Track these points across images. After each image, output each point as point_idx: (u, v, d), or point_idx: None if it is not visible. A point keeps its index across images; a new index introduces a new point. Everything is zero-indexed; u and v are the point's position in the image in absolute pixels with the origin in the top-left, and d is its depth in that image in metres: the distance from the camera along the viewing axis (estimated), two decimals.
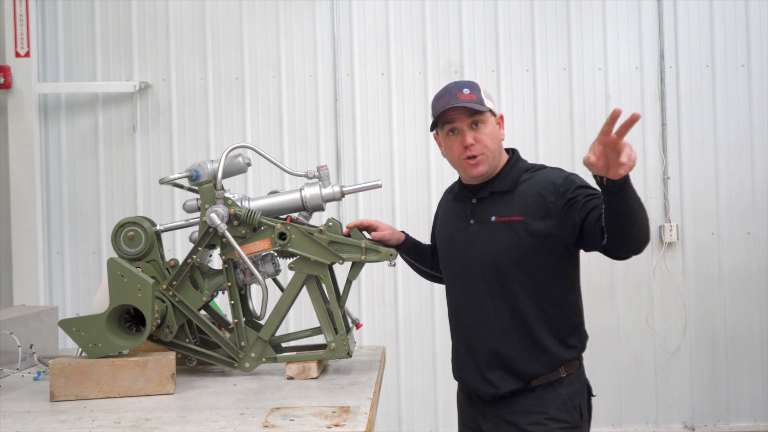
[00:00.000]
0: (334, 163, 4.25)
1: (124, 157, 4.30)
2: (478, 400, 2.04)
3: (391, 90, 4.30)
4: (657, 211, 4.25)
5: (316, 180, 2.11)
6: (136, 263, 2.06)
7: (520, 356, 1.93)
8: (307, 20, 4.32)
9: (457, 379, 2.14)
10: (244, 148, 2.18)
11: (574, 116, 4.27)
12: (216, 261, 2.20)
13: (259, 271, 2.09)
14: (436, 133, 2.08)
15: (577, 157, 4.21)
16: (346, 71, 4.30)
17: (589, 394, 2.04)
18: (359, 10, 4.31)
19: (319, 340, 2.14)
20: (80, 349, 1.92)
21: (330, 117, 4.29)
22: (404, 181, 4.28)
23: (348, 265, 2.10)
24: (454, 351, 2.12)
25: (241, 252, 2.00)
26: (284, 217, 2.12)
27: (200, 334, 2.18)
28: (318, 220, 2.35)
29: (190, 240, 2.09)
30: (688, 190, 4.27)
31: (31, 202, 4.17)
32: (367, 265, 2.33)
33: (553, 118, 4.27)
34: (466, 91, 1.95)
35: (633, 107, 4.22)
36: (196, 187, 2.09)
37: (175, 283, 2.06)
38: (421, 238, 2.35)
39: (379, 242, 2.12)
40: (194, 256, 2.05)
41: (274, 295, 2.14)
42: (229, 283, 2.07)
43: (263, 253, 2.08)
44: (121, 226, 2.07)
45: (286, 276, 2.40)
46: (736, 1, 4.29)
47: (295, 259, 2.08)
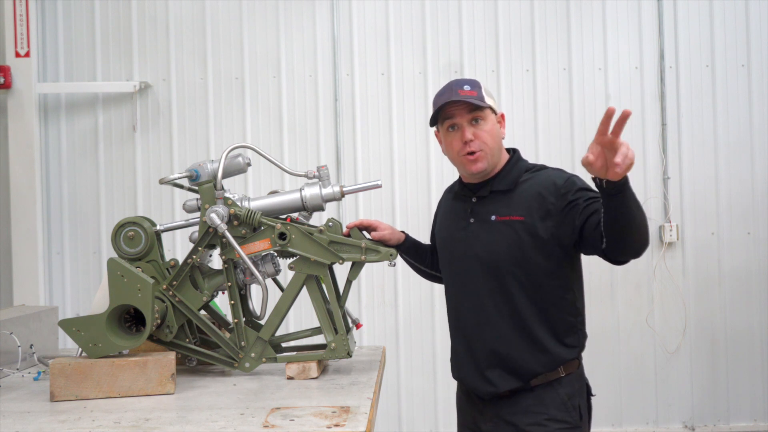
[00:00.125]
0: (334, 163, 4.25)
1: (124, 157, 4.30)
2: (477, 400, 2.04)
3: (391, 90, 4.30)
4: (657, 211, 4.25)
5: (316, 180, 2.11)
6: (136, 263, 2.06)
7: (519, 355, 1.93)
8: (307, 20, 4.32)
9: (456, 378, 2.14)
10: (244, 148, 2.18)
11: (574, 116, 4.27)
12: (216, 261, 2.20)
13: (259, 271, 2.09)
14: (437, 131, 2.09)
15: (577, 158, 4.20)
16: (346, 71, 4.30)
17: (589, 394, 2.04)
18: (359, 10, 4.31)
19: (319, 340, 2.14)
20: (80, 349, 1.92)
21: (330, 117, 4.29)
22: (404, 181, 4.28)
23: (348, 265, 2.10)
24: (453, 350, 2.12)
25: (241, 252, 2.00)
26: (284, 217, 2.12)
27: (200, 334, 2.18)
28: (318, 220, 2.35)
29: (190, 240, 2.09)
30: (688, 190, 4.27)
31: (31, 202, 4.17)
32: (367, 265, 2.33)
33: (553, 118, 4.28)
34: (467, 88, 1.96)
35: (633, 107, 4.24)
36: (196, 187, 2.09)
37: (175, 283, 2.06)
38: (421, 238, 2.35)
39: (379, 242, 2.12)
40: (194, 256, 2.05)
41: (274, 295, 2.14)
42: (229, 283, 2.07)
43: (263, 253, 2.08)
44: (121, 226, 2.07)
45: (286, 276, 2.40)
46: (736, 1, 4.29)
47: (295, 259, 2.08)
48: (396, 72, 4.30)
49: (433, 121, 2.06)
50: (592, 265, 4.10)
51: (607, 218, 1.69)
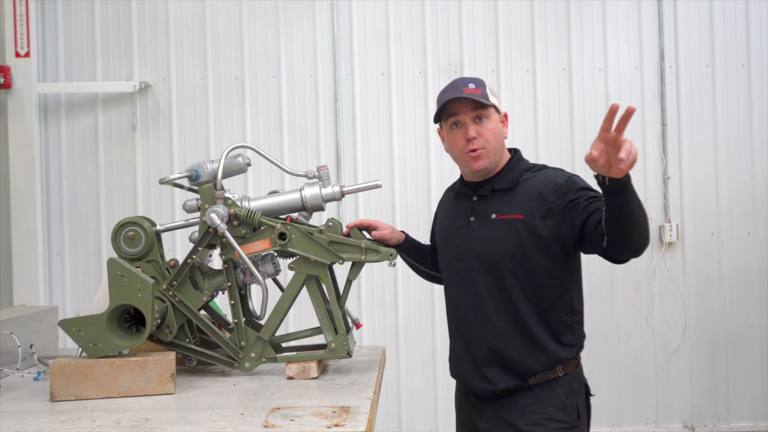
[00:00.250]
0: (334, 163, 4.25)
1: (124, 157, 4.30)
2: (475, 400, 2.04)
3: (391, 90, 4.30)
4: (657, 211, 4.25)
5: (316, 180, 2.11)
6: (136, 263, 2.06)
7: (517, 353, 1.93)
8: (307, 20, 4.32)
9: (454, 377, 2.14)
10: (244, 148, 2.18)
11: (574, 116, 4.27)
12: (216, 261, 2.20)
13: (259, 271, 2.09)
14: (440, 128, 2.10)
15: (578, 157, 4.21)
16: (346, 71, 4.30)
17: (588, 394, 2.04)
18: (359, 10, 4.31)
19: (319, 340, 2.14)
20: (80, 349, 1.92)
21: (330, 117, 4.29)
22: (404, 181, 4.28)
23: (348, 265, 2.10)
24: (451, 349, 2.13)
25: (241, 252, 2.00)
26: (284, 217, 2.12)
27: (200, 334, 2.18)
28: (318, 220, 2.35)
29: (190, 240, 2.09)
30: (688, 190, 4.27)
31: (31, 202, 4.17)
32: (367, 265, 2.33)
33: (553, 118, 4.27)
34: (471, 86, 1.97)
35: None
36: (196, 187, 2.09)
37: (175, 283, 2.06)
38: (421, 238, 2.35)
39: (379, 242, 2.12)
40: (194, 256, 2.05)
41: (274, 295, 2.14)
42: (229, 283, 2.07)
43: (263, 253, 2.08)
44: (121, 226, 2.07)
45: (286, 276, 2.40)
46: (736, 1, 4.29)
47: (295, 259, 2.08)
48: (396, 72, 4.30)
49: (437, 118, 2.07)
50: (592, 265, 4.13)
51: (609, 216, 1.70)
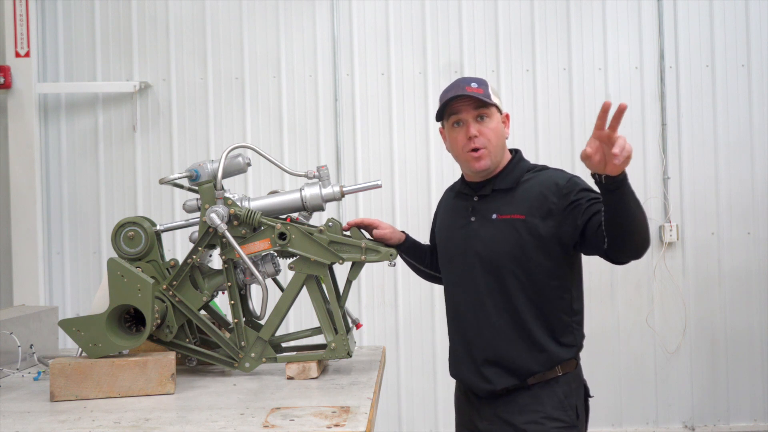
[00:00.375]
0: (334, 163, 4.25)
1: (124, 157, 4.30)
2: (474, 399, 2.04)
3: (391, 90, 4.30)
4: (657, 211, 4.25)
5: (316, 180, 2.11)
6: (136, 263, 2.06)
7: (517, 353, 1.93)
8: (307, 20, 4.32)
9: (453, 376, 2.14)
10: (244, 148, 2.18)
11: (574, 116, 4.27)
12: (216, 261, 2.20)
13: (259, 271, 2.09)
14: (442, 127, 2.10)
15: (578, 158, 4.14)
16: (346, 71, 4.30)
17: (587, 395, 2.04)
18: (359, 10, 4.31)
19: (319, 340, 2.14)
20: (80, 349, 1.92)
21: (330, 117, 4.29)
22: (404, 181, 4.28)
23: (348, 265, 2.10)
24: (451, 349, 2.13)
25: (241, 252, 2.00)
26: (284, 217, 2.12)
27: (200, 334, 2.18)
28: (318, 220, 2.35)
29: (190, 240, 2.09)
30: (688, 190, 4.27)
31: (31, 202, 4.17)
32: (367, 265, 2.33)
33: (553, 118, 4.27)
34: (474, 85, 1.98)
35: (633, 107, 4.25)
36: (196, 187, 2.09)
37: (175, 283, 2.06)
38: (421, 239, 2.35)
39: (380, 242, 2.12)
40: (194, 256, 2.05)
41: (274, 295, 2.14)
42: (229, 283, 2.07)
43: (263, 253, 2.08)
44: (121, 226, 2.07)
45: (286, 276, 2.39)
46: (736, 1, 4.29)
47: (295, 259, 2.08)
48: (396, 72, 4.30)
49: (439, 116, 2.07)
50: (592, 265, 4.10)
51: (607, 216, 1.71)
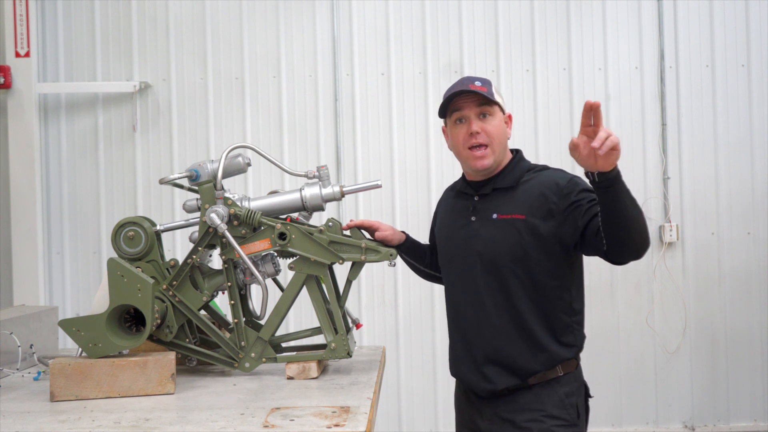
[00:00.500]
0: (334, 163, 4.25)
1: (124, 157, 4.30)
2: (475, 399, 2.05)
3: (391, 90, 4.30)
4: (657, 211, 4.25)
5: (316, 180, 2.11)
6: (136, 263, 2.06)
7: (518, 353, 1.94)
8: (307, 20, 4.32)
9: (454, 375, 2.14)
10: (244, 148, 2.18)
11: (574, 116, 4.27)
12: (216, 261, 2.20)
13: (259, 271, 2.09)
14: (445, 126, 2.10)
15: None
16: (346, 71, 4.30)
17: (587, 395, 2.04)
18: (359, 10, 4.31)
19: (319, 340, 2.14)
20: (80, 349, 1.92)
21: (330, 117, 4.29)
22: (404, 181, 4.28)
23: (348, 265, 2.10)
24: (451, 348, 2.13)
25: (241, 252, 2.00)
26: (284, 217, 2.12)
27: (200, 334, 2.18)
28: (318, 220, 2.35)
29: (190, 240, 2.09)
30: (688, 190, 4.27)
31: (31, 202, 4.17)
32: (367, 265, 2.33)
33: (553, 118, 4.27)
34: (477, 84, 2.00)
35: (633, 107, 4.25)
36: (196, 187, 2.09)
37: (175, 283, 2.06)
38: (421, 239, 2.35)
39: (380, 242, 2.12)
40: (194, 256, 2.05)
41: (274, 295, 2.14)
42: (229, 283, 2.07)
43: (263, 253, 2.08)
44: (121, 226, 2.07)
45: (286, 276, 2.40)
46: (736, 1, 4.29)
47: (295, 259, 2.08)
48: (396, 72, 4.30)
49: (442, 113, 2.07)
50: (592, 265, 4.10)
51: (603, 214, 1.72)
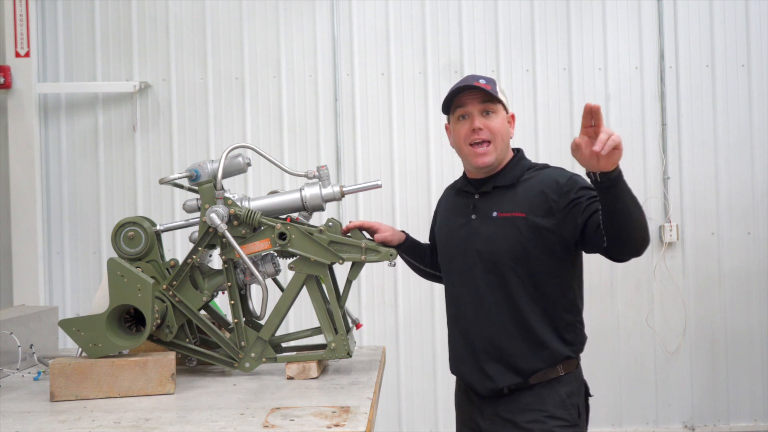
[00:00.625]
0: (334, 163, 4.25)
1: (124, 157, 4.30)
2: (475, 397, 2.05)
3: (391, 90, 4.29)
4: (657, 211, 4.25)
5: (316, 180, 2.11)
6: (136, 263, 2.06)
7: (519, 350, 1.94)
8: (307, 20, 4.32)
9: (454, 373, 2.14)
10: (244, 148, 2.18)
11: (574, 116, 4.27)
12: (216, 261, 2.20)
13: (259, 271, 2.09)
14: (448, 123, 2.11)
15: None
16: (346, 71, 4.30)
17: (587, 394, 2.04)
18: (359, 10, 4.31)
19: (319, 340, 2.14)
20: (80, 349, 1.92)
21: (330, 117, 4.29)
22: (404, 181, 4.28)
23: (348, 265, 2.10)
24: (451, 346, 2.13)
25: (241, 252, 2.00)
26: (284, 217, 2.12)
27: (200, 334, 2.18)
28: (318, 220, 2.35)
29: (190, 240, 2.09)
30: (688, 190, 4.27)
31: (31, 202, 4.17)
32: (367, 265, 2.33)
33: (553, 118, 4.27)
34: (482, 81, 2.00)
35: (633, 107, 4.26)
36: (196, 187, 2.09)
37: (175, 283, 2.06)
38: (421, 239, 2.35)
39: (381, 243, 2.12)
40: (194, 256, 2.05)
41: (274, 295, 2.14)
42: (229, 283, 2.07)
43: (263, 253, 2.08)
44: (121, 226, 2.07)
45: (286, 276, 2.40)
46: (736, 1, 4.29)
47: (295, 259, 2.08)
48: (396, 72, 4.30)
49: (446, 109, 2.07)
50: (592, 265, 4.13)
51: (604, 214, 1.72)
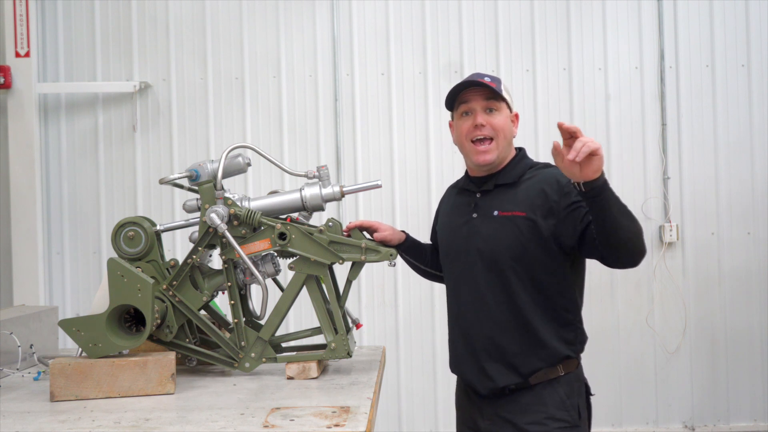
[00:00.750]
0: (334, 163, 4.25)
1: (124, 157, 4.30)
2: (475, 397, 2.05)
3: (391, 90, 4.29)
4: (657, 211, 4.25)
5: (316, 180, 2.11)
6: (136, 263, 2.06)
7: (519, 349, 1.94)
8: (307, 20, 4.32)
9: (454, 372, 2.14)
10: (244, 148, 2.18)
11: (574, 116, 4.27)
12: (216, 261, 2.20)
13: (259, 271, 2.09)
14: (451, 120, 2.12)
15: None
16: (346, 71, 4.30)
17: (588, 393, 2.04)
18: (359, 10, 4.31)
19: (319, 340, 2.14)
20: (80, 349, 1.92)
21: (330, 117, 4.29)
22: (404, 181, 4.27)
23: (348, 265, 2.10)
24: (451, 345, 2.13)
25: (241, 252, 2.00)
26: (284, 217, 2.12)
27: (200, 334, 2.18)
28: (318, 220, 2.35)
29: (190, 240, 2.09)
30: (688, 190, 4.27)
31: (31, 202, 4.17)
32: (367, 265, 2.33)
33: (553, 118, 4.26)
34: (487, 79, 2.01)
35: (633, 107, 4.26)
36: (196, 187, 2.09)
37: (175, 283, 2.06)
38: (421, 238, 2.35)
39: (381, 242, 2.12)
40: (194, 256, 2.05)
41: (274, 295, 2.14)
42: (229, 283, 2.07)
43: (263, 253, 2.08)
44: (121, 226, 2.07)
45: (286, 276, 2.40)
46: (736, 1, 4.29)
47: (295, 259, 2.08)
48: (396, 72, 4.30)
49: (449, 105, 2.08)
50: (592, 265, 4.06)
51: (595, 223, 1.76)
